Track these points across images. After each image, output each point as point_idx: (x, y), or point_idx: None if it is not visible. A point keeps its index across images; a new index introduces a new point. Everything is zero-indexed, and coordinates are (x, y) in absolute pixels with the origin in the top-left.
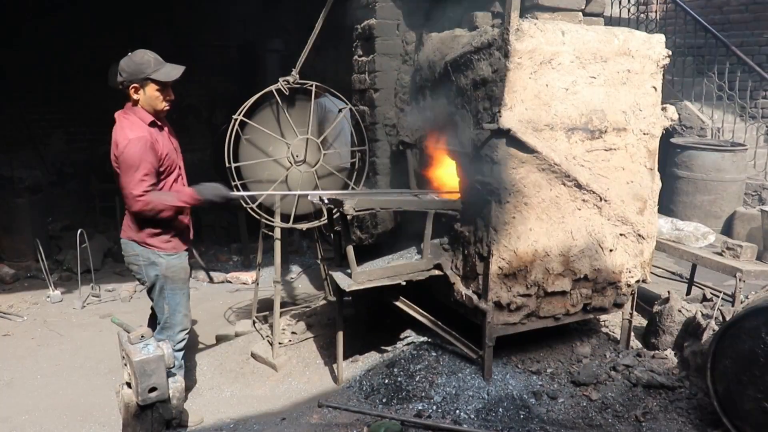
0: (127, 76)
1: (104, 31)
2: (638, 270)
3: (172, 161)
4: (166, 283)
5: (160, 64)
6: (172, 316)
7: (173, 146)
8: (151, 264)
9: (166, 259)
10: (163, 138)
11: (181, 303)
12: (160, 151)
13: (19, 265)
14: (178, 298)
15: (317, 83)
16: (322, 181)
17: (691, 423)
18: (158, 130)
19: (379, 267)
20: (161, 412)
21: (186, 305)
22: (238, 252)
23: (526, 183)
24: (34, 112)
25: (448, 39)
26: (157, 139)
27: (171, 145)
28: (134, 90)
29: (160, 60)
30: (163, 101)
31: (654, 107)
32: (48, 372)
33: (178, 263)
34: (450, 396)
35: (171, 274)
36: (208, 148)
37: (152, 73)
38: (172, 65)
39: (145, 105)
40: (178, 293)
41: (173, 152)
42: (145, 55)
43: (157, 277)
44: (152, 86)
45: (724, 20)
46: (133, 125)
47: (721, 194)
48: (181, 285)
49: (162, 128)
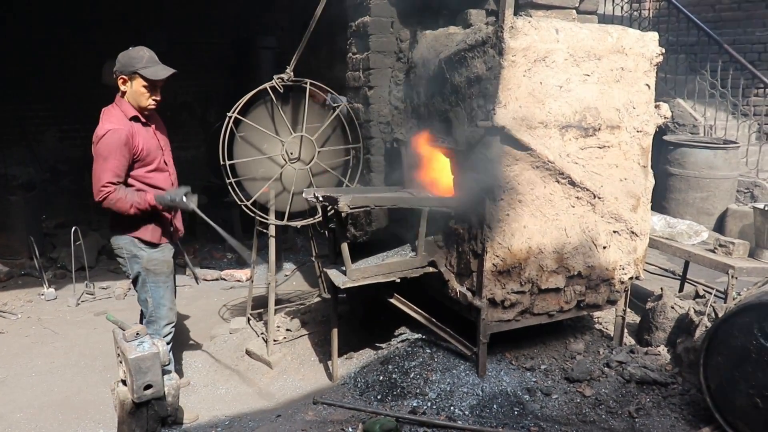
0: (119, 67)
1: (98, 28)
2: (631, 267)
3: (153, 158)
4: (149, 276)
5: (153, 62)
6: (156, 310)
7: (158, 143)
8: (133, 257)
9: (148, 252)
10: (146, 133)
11: (165, 296)
12: (137, 145)
13: (13, 262)
14: (161, 292)
15: (311, 81)
16: (317, 179)
17: (683, 419)
18: (142, 125)
19: (373, 264)
20: (156, 410)
21: (170, 298)
22: (233, 249)
23: (520, 180)
24: (28, 109)
25: (443, 36)
26: (137, 133)
27: (156, 141)
28: (122, 81)
29: (155, 59)
30: (148, 99)
31: (647, 105)
32: (43, 370)
33: (159, 256)
34: (444, 392)
35: (152, 267)
36: (202, 146)
37: (141, 69)
38: (164, 66)
39: (131, 99)
40: (162, 287)
41: (156, 149)
42: (141, 50)
43: (140, 270)
44: (139, 81)
45: (717, 18)
46: (112, 117)
47: (713, 191)
48: (163, 278)
49: (148, 124)
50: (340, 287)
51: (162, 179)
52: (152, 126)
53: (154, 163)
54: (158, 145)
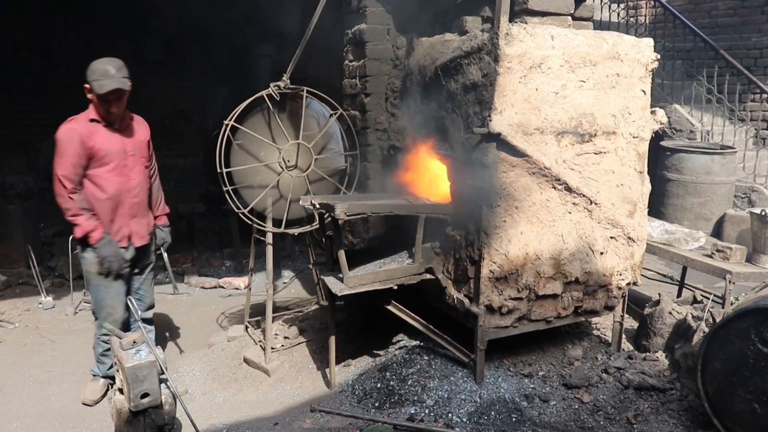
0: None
1: (97, 37)
2: (629, 273)
3: (110, 159)
4: (89, 277)
5: (103, 76)
6: (97, 311)
7: (123, 147)
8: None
9: (81, 252)
10: (108, 136)
11: (104, 299)
12: (93, 145)
13: (10, 271)
14: (98, 294)
15: (308, 88)
16: (314, 186)
17: (682, 424)
18: (103, 127)
19: (370, 271)
20: (154, 418)
21: (109, 303)
22: (231, 257)
23: (517, 187)
24: (26, 118)
25: (439, 43)
26: (94, 133)
27: (119, 145)
28: (86, 89)
29: (111, 74)
30: (102, 109)
31: (643, 110)
32: (40, 378)
33: (89, 256)
34: (442, 399)
35: (85, 266)
36: (201, 154)
37: (92, 81)
38: (113, 80)
39: (93, 105)
40: (101, 289)
41: (118, 152)
42: (102, 64)
43: (81, 268)
44: (93, 92)
45: (713, 24)
46: (74, 119)
47: (710, 197)
48: (95, 280)
49: (113, 127)
50: (338, 295)
51: (117, 182)
52: (121, 131)
53: (111, 164)
54: (122, 149)
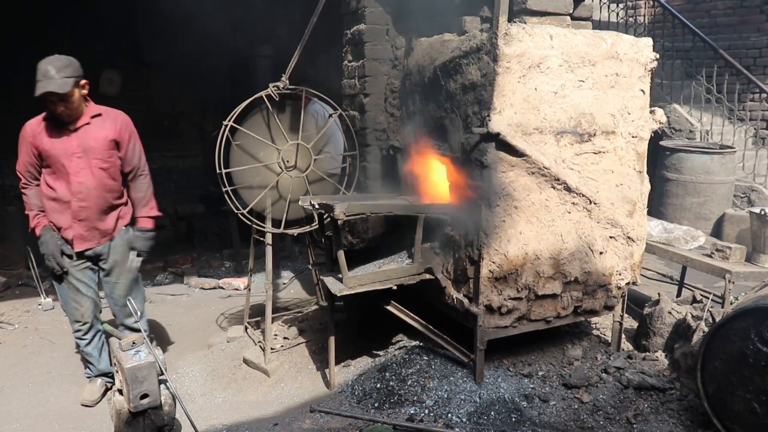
0: None
1: (95, 38)
2: (628, 272)
3: (52, 162)
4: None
5: (44, 77)
6: (64, 306)
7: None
8: None
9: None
10: (56, 136)
11: (63, 297)
12: (38, 144)
13: (10, 273)
14: (59, 292)
15: (307, 89)
16: (313, 187)
17: (682, 424)
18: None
19: (370, 271)
20: (153, 419)
21: (69, 303)
22: (231, 258)
23: (516, 186)
24: (25, 119)
25: (438, 44)
26: (42, 133)
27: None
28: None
29: (49, 75)
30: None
31: (642, 110)
32: (39, 380)
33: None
34: (442, 400)
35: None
36: (200, 154)
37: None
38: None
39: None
40: (58, 286)
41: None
42: (45, 63)
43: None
44: None
45: (712, 23)
46: (38, 117)
47: (710, 196)
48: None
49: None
50: (337, 295)
51: (57, 185)
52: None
53: (52, 167)
54: (68, 151)
